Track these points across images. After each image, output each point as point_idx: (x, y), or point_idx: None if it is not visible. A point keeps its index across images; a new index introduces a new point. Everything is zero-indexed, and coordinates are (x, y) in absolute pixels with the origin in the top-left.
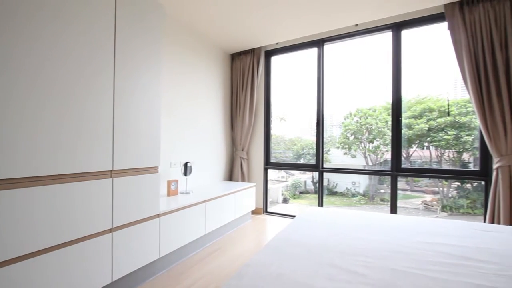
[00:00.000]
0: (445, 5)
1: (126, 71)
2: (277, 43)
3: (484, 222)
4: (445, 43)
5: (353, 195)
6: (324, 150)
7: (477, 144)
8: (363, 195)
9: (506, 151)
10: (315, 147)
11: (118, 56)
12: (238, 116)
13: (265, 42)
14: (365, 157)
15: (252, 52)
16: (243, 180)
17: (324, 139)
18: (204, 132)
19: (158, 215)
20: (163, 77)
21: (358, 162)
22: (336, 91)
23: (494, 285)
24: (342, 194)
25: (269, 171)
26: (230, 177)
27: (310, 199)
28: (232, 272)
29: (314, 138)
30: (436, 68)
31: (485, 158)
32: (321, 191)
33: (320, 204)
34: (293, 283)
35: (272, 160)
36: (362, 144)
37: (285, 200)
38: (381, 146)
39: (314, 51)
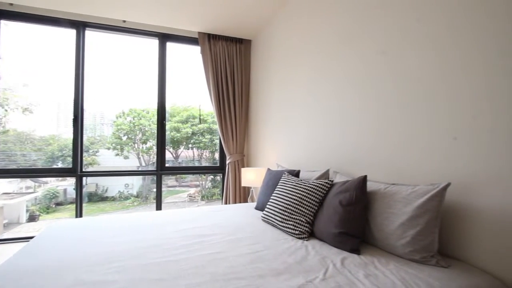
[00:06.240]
0: (199, 33)
1: None
2: (11, 4)
3: (222, 204)
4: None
5: (126, 198)
6: (88, 151)
7: None
8: (137, 196)
9: (233, 151)
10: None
11: None
12: None
13: None
14: (139, 158)
15: None
16: None
17: (93, 139)
18: None
19: None
20: None
21: (132, 163)
22: (107, 87)
23: (218, 250)
24: (114, 199)
25: None
26: None
27: (72, 210)
28: None
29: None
30: (197, 82)
31: (222, 156)
32: (79, 199)
33: (80, 214)
34: None
35: (10, 165)
36: (136, 145)
37: (32, 218)
38: (154, 147)
39: (72, 32)
